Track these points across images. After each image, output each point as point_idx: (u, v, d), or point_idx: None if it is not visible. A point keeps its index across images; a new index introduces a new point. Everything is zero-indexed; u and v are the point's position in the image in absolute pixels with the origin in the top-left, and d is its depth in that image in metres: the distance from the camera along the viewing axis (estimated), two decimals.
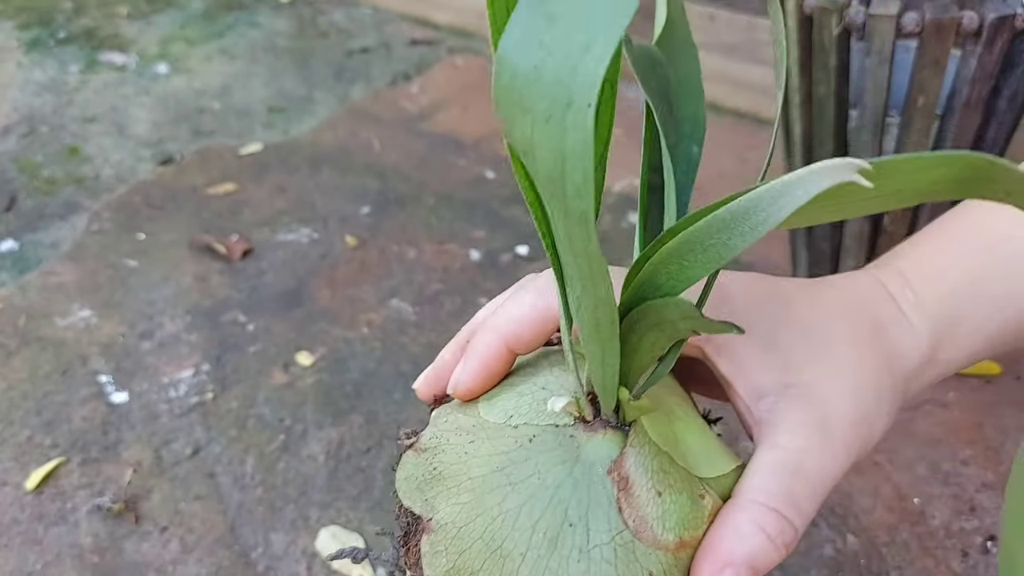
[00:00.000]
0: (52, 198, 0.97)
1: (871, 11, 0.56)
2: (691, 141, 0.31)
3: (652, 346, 0.26)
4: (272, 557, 0.55)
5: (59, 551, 0.56)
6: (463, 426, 0.30)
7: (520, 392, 0.30)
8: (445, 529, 0.28)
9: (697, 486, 0.29)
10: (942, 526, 0.55)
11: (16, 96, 1.20)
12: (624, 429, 0.28)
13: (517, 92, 0.19)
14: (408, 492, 0.29)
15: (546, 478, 0.28)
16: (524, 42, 0.18)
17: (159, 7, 1.49)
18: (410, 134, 1.07)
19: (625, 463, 0.28)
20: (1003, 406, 0.64)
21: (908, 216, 0.66)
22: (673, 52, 0.31)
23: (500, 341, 0.31)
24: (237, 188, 0.97)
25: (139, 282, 0.82)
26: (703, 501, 0.28)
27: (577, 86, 0.18)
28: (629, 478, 0.27)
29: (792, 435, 0.29)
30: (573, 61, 0.18)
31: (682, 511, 0.28)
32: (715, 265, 0.23)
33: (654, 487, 0.28)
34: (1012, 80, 0.58)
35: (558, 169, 0.19)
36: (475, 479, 0.28)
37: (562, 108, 0.18)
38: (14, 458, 0.63)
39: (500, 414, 0.30)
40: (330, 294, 0.80)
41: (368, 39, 1.36)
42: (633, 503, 0.27)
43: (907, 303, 0.34)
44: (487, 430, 0.29)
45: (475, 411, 0.30)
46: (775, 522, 0.28)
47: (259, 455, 0.63)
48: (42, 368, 0.71)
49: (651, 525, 0.27)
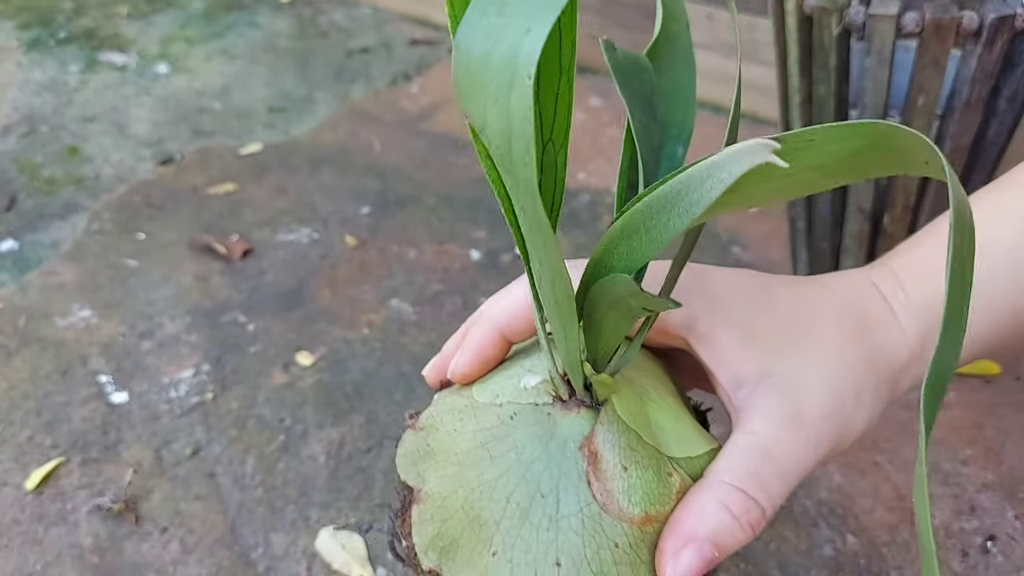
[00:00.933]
0: (52, 198, 0.97)
1: (871, 11, 0.56)
2: (677, 142, 0.33)
3: (616, 326, 0.27)
4: (272, 557, 0.55)
5: (59, 551, 0.56)
6: (456, 406, 0.32)
7: (508, 375, 0.32)
8: (432, 499, 0.30)
9: (665, 464, 0.30)
10: (942, 526, 0.55)
11: (16, 96, 1.20)
12: (598, 408, 0.30)
13: (472, 77, 0.20)
14: (404, 466, 0.31)
15: (522, 453, 0.29)
16: (477, 31, 0.20)
17: (159, 7, 1.49)
18: (410, 134, 1.07)
19: (595, 439, 0.29)
20: (1003, 406, 0.64)
21: (908, 217, 0.66)
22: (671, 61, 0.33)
23: (494, 329, 0.33)
24: (237, 188, 0.97)
25: (139, 282, 0.82)
26: (671, 479, 0.29)
27: (519, 65, 0.19)
28: (598, 453, 0.29)
29: (764, 421, 0.30)
30: (516, 43, 0.19)
31: (648, 486, 0.29)
32: (661, 245, 0.24)
33: (620, 462, 0.29)
34: (1012, 80, 0.58)
35: (506, 143, 0.20)
36: (460, 453, 0.30)
37: (507, 87, 0.19)
38: (14, 458, 0.63)
39: (489, 395, 0.32)
40: (330, 294, 0.80)
41: (368, 39, 1.36)
42: (601, 477, 0.28)
43: (897, 302, 0.35)
44: (475, 409, 0.31)
45: (469, 393, 0.32)
46: (741, 501, 0.29)
47: (259, 455, 0.63)
48: (42, 368, 0.71)
49: (617, 499, 0.28)
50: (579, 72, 1.17)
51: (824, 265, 0.73)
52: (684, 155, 0.32)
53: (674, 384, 0.35)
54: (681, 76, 0.33)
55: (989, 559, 0.53)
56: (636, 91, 0.31)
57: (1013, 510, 0.56)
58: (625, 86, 0.30)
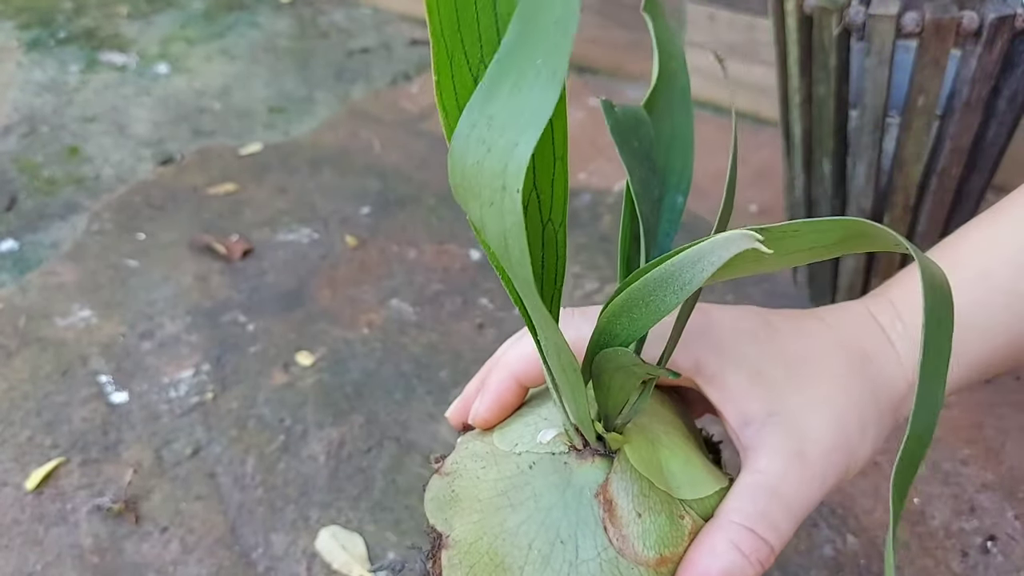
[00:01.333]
0: (52, 198, 0.97)
1: (871, 11, 0.56)
2: (676, 192, 0.35)
3: (623, 385, 0.29)
4: (272, 557, 0.55)
5: (59, 551, 0.56)
6: (478, 453, 0.34)
7: (526, 422, 0.34)
8: (459, 545, 0.32)
9: (677, 507, 0.32)
10: (942, 526, 0.55)
11: (16, 96, 1.20)
12: (611, 456, 0.32)
13: (467, 182, 0.22)
14: (433, 511, 0.33)
15: (541, 501, 0.31)
16: (471, 141, 0.22)
17: (159, 7, 1.49)
18: (410, 134, 1.08)
19: (609, 487, 0.31)
20: (1003, 406, 0.64)
21: (908, 217, 0.66)
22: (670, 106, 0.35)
23: (511, 377, 0.35)
24: (237, 188, 0.97)
25: (139, 282, 0.82)
26: (683, 521, 0.31)
27: (508, 176, 0.21)
28: (613, 501, 0.31)
29: (771, 460, 0.31)
30: (506, 157, 0.21)
31: (661, 530, 0.31)
32: (659, 316, 0.26)
33: (635, 509, 0.31)
34: (1012, 80, 0.58)
35: (502, 244, 0.22)
36: (483, 501, 0.32)
37: (500, 194, 0.21)
38: (14, 458, 0.63)
39: (508, 443, 0.34)
40: (330, 294, 0.80)
41: (368, 39, 1.36)
42: (617, 523, 0.30)
43: (895, 333, 0.36)
44: (496, 457, 0.33)
45: (490, 439, 0.34)
46: (750, 540, 0.30)
47: (259, 455, 0.63)
48: (42, 368, 0.72)
49: (633, 543, 0.30)
50: (579, 72, 1.17)
51: (824, 265, 0.73)
52: (684, 204, 0.34)
53: (684, 422, 0.37)
54: (680, 122, 0.35)
55: (989, 559, 0.53)
56: (635, 149, 0.33)
57: (1013, 510, 0.56)
58: (624, 146, 0.32)
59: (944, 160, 0.62)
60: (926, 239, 0.67)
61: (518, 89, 0.21)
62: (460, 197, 0.23)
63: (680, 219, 0.34)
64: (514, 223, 0.21)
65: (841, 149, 0.65)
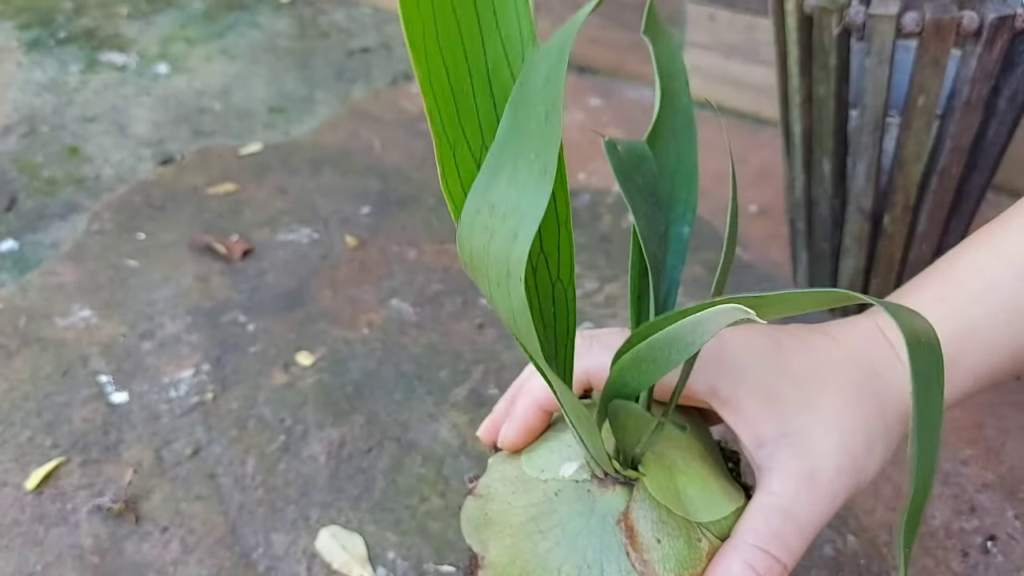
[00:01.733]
0: (52, 198, 0.97)
1: (871, 11, 0.56)
2: (682, 222, 0.36)
3: (636, 427, 0.31)
4: (273, 557, 0.55)
5: (60, 551, 0.56)
6: (508, 477, 0.36)
7: (551, 448, 0.36)
8: (493, 567, 0.34)
9: (695, 531, 0.34)
10: (942, 526, 0.55)
11: (16, 96, 1.20)
12: (631, 483, 0.34)
13: (476, 263, 0.24)
14: (469, 532, 0.36)
15: (568, 527, 0.33)
16: (475, 227, 0.24)
17: (159, 7, 1.49)
18: (411, 134, 1.08)
19: (630, 515, 0.33)
20: (1003, 406, 0.64)
21: (908, 217, 0.66)
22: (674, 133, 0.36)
23: (535, 405, 0.37)
24: (237, 188, 0.97)
25: (139, 282, 0.82)
26: (700, 544, 0.33)
27: (512, 264, 0.23)
28: (634, 528, 0.33)
29: (783, 482, 0.33)
30: (508, 245, 0.23)
31: (680, 554, 0.33)
32: (667, 370, 0.28)
33: (654, 535, 0.33)
34: (1012, 80, 0.58)
35: (511, 320, 0.24)
36: (514, 526, 0.34)
37: (505, 277, 0.23)
38: (14, 458, 0.63)
39: (535, 468, 0.36)
40: (330, 294, 0.80)
41: (369, 39, 1.36)
42: (638, 549, 0.32)
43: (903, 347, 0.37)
44: (525, 483, 0.35)
45: (518, 463, 0.37)
46: (764, 561, 0.32)
47: (260, 455, 0.63)
48: (42, 368, 0.72)
49: (654, 567, 0.32)
50: (579, 72, 1.17)
51: (824, 265, 0.73)
52: (689, 234, 0.36)
53: (701, 439, 0.38)
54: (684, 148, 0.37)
55: (989, 559, 0.53)
56: (639, 186, 0.35)
57: (1013, 510, 0.56)
58: (628, 183, 0.34)
59: (944, 160, 0.62)
60: (926, 239, 0.67)
61: (515, 181, 0.22)
62: (471, 273, 0.25)
63: (686, 250, 0.36)
64: (520, 305, 0.23)
65: (841, 149, 0.65)
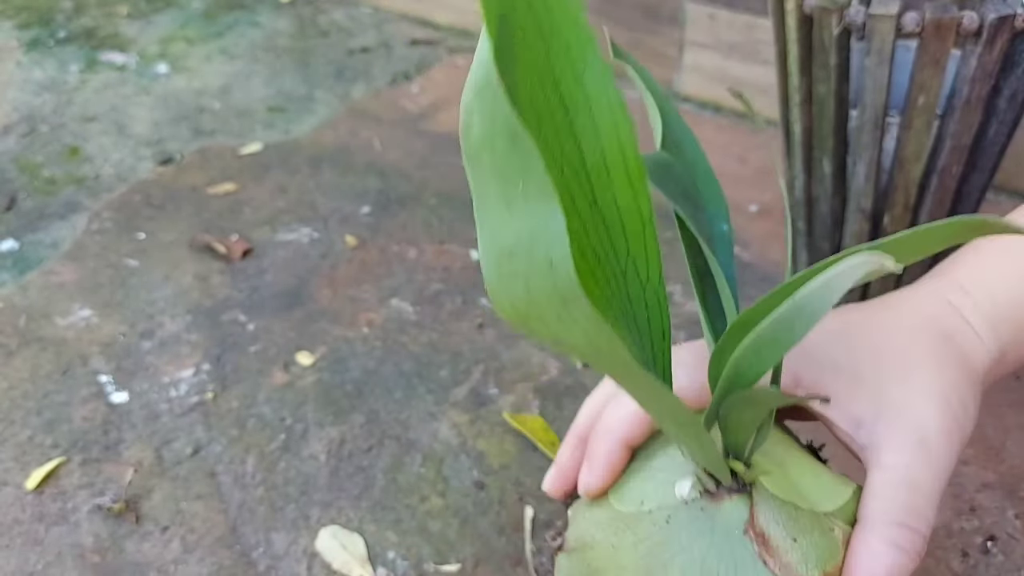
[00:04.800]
0: (52, 198, 0.97)
1: (871, 11, 0.56)
2: (718, 219, 0.36)
3: (752, 420, 0.30)
4: (273, 556, 0.55)
5: (60, 551, 0.56)
6: (601, 520, 0.34)
7: (643, 478, 0.34)
8: None
9: (825, 522, 0.32)
10: (942, 526, 0.55)
11: (16, 96, 1.20)
12: (746, 490, 0.32)
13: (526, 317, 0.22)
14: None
15: (691, 552, 0.30)
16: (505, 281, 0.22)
17: (159, 7, 1.49)
18: (411, 134, 1.08)
19: (757, 521, 0.31)
20: (1003, 406, 0.64)
21: (908, 217, 0.66)
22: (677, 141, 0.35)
23: (618, 443, 0.35)
24: (237, 188, 0.97)
25: (139, 282, 0.82)
26: (833, 533, 0.32)
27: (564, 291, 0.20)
28: (765, 533, 0.31)
29: (896, 454, 0.32)
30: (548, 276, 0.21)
31: (818, 549, 0.31)
32: (786, 349, 0.26)
33: (789, 535, 0.31)
34: (1012, 79, 0.58)
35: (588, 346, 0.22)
36: (628, 568, 0.31)
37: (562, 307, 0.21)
38: (15, 458, 0.63)
39: (632, 503, 0.33)
40: (330, 294, 0.80)
41: (369, 39, 1.36)
42: (774, 554, 0.30)
43: (967, 310, 0.37)
44: (625, 520, 0.33)
45: (608, 504, 0.34)
46: (905, 534, 0.31)
47: (260, 454, 0.63)
48: (43, 368, 0.72)
49: (796, 569, 0.30)
50: None
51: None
52: (729, 230, 0.35)
53: (790, 435, 0.37)
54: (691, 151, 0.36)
55: (989, 559, 0.53)
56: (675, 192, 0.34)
57: (1014, 509, 0.56)
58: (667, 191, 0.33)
59: (944, 159, 0.62)
60: None
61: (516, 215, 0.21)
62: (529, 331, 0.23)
63: (732, 246, 0.35)
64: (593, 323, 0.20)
65: (841, 148, 0.65)
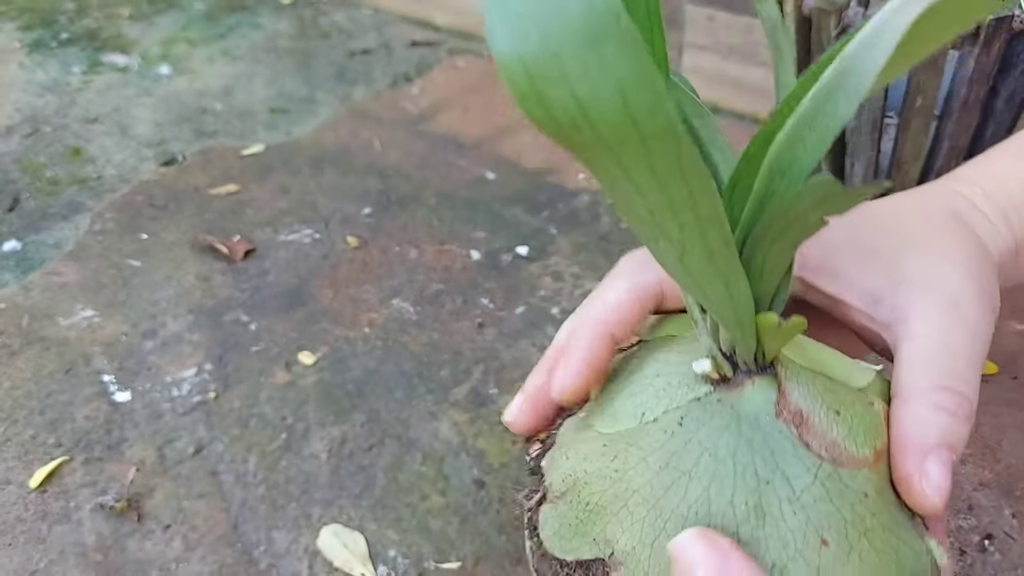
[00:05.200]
0: (55, 198, 0.97)
1: (869, 13, 0.57)
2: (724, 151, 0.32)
3: (778, 262, 0.24)
4: (274, 555, 0.55)
5: (63, 549, 0.56)
6: (591, 452, 0.27)
7: (631, 392, 0.28)
8: (634, 555, 0.25)
9: (862, 395, 0.27)
10: None
11: (19, 97, 1.20)
12: (768, 371, 0.26)
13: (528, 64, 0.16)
14: (566, 545, 0.26)
15: (718, 451, 0.25)
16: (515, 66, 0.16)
17: (161, 8, 1.50)
18: (411, 135, 1.08)
19: (789, 399, 0.26)
20: (999, 405, 0.64)
21: None
22: None
23: (603, 329, 0.30)
24: (239, 188, 0.97)
25: (142, 282, 0.82)
26: (874, 407, 0.27)
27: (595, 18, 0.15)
28: (801, 411, 0.25)
29: (926, 322, 0.29)
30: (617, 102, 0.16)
31: (864, 422, 0.26)
32: (828, 142, 0.20)
33: (830, 408, 0.26)
34: (1010, 81, 0.59)
35: (619, 101, 0.16)
36: (641, 490, 0.26)
37: (590, 48, 0.16)
38: (18, 457, 0.63)
39: (627, 419, 0.27)
40: (332, 294, 0.80)
41: (369, 40, 1.36)
42: (816, 433, 0.25)
43: (979, 198, 0.34)
44: (625, 439, 0.27)
45: (593, 433, 0.28)
46: (951, 398, 0.27)
47: (261, 453, 0.63)
48: (45, 367, 0.72)
49: (844, 447, 0.25)
50: None
51: None
52: None
53: None
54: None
55: (986, 557, 0.53)
56: None
57: (1010, 508, 0.56)
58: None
59: (942, 160, 0.62)
60: None
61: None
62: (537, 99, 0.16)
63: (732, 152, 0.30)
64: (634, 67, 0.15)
65: (839, 149, 0.65)
